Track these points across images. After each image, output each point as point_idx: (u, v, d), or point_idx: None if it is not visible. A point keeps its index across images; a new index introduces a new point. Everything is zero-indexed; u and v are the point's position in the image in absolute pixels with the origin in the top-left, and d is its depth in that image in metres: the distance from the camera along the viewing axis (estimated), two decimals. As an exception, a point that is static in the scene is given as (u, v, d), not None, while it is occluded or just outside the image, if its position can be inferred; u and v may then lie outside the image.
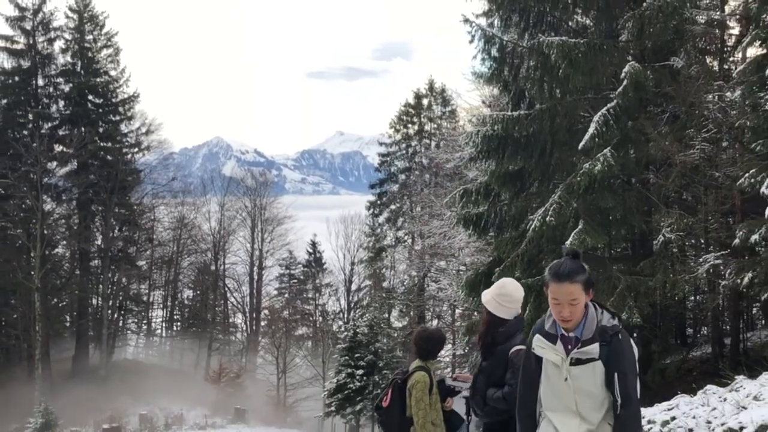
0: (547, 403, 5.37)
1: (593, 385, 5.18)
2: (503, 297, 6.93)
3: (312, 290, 75.73)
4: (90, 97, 63.23)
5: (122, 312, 71.44)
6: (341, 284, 73.75)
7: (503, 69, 21.86)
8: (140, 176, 67.88)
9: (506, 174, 21.64)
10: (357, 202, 78.22)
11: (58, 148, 61.69)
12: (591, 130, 18.09)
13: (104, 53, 64.07)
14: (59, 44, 62.00)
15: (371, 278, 69.42)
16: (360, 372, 41.90)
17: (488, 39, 21.56)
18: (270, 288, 79.68)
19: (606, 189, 18.72)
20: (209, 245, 76.21)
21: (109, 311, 64.86)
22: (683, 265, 18.98)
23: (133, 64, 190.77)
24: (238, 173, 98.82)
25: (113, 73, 64.57)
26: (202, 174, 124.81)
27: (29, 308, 55.97)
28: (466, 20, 21.47)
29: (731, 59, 22.39)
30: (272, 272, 79.38)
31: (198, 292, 78.97)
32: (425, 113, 66.26)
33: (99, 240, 65.15)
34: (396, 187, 67.21)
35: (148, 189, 69.43)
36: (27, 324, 56.74)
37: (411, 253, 61.10)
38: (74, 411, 45.16)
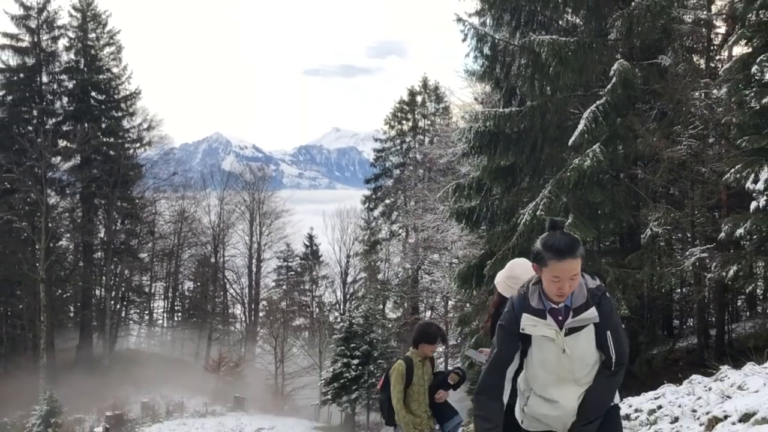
0: (541, 381, 5.07)
1: (588, 350, 4.96)
2: (512, 279, 6.73)
3: (309, 282, 75.72)
4: (93, 94, 63.10)
5: (125, 303, 71.44)
6: (337, 276, 73.91)
7: (495, 67, 21.78)
8: (142, 171, 67.75)
9: (498, 169, 21.58)
10: (353, 197, 78.21)
11: (62, 144, 61.67)
12: (580, 127, 18.05)
13: (107, 51, 63.93)
14: (63, 42, 62.00)
15: (366, 270, 69.42)
16: (355, 361, 41.89)
17: (480, 37, 21.50)
18: (268, 280, 79.68)
19: (595, 184, 18.67)
20: (209, 238, 76.15)
21: (112, 302, 64.85)
22: (670, 259, 18.94)
23: (135, 62, 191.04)
24: (237, 168, 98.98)
25: (115, 71, 64.45)
26: (202, 169, 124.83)
27: (34, 299, 56.09)
28: (459, 19, 21.42)
29: (717, 57, 22.37)
30: (270, 264, 79.42)
31: (198, 284, 78.87)
32: (419, 110, 66.25)
33: (102, 233, 64.94)
34: (390, 182, 67.18)
35: (150, 183, 69.36)
36: (32, 314, 56.89)
37: (405, 246, 61.06)
38: (78, 399, 45.09)
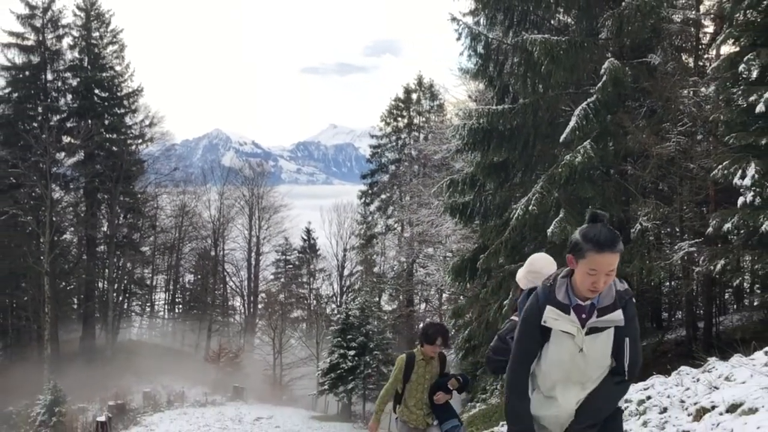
0: (551, 379, 4.83)
1: (603, 353, 4.74)
2: (533, 274, 6.52)
3: (306, 275, 75.66)
4: (96, 91, 63.06)
5: (127, 295, 71.44)
6: (334, 269, 74.04)
7: (488, 65, 21.73)
8: (144, 166, 67.76)
9: (491, 165, 21.56)
10: (349, 192, 78.29)
11: (66, 140, 61.64)
12: (572, 124, 18.01)
13: (110, 49, 63.91)
14: (67, 41, 61.93)
15: (363, 264, 69.46)
16: (352, 353, 41.95)
17: (474, 36, 21.45)
18: (267, 273, 79.87)
19: (586, 179, 18.64)
20: (209, 232, 76.24)
21: (115, 294, 64.76)
22: (659, 253, 18.89)
23: (137, 60, 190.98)
24: (237, 164, 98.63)
25: (118, 68, 64.45)
26: (203, 164, 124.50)
27: (39, 291, 56.09)
28: (454, 19, 21.36)
29: (706, 56, 22.32)
30: (269, 258, 79.58)
31: (198, 277, 78.92)
32: (414, 107, 66.30)
33: (105, 227, 64.95)
34: (386, 178, 67.27)
35: (152, 178, 69.33)
36: (37, 306, 56.87)
37: (400, 240, 61.18)
38: (81, 389, 45.07)
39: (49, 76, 61.09)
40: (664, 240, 22.11)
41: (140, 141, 66.76)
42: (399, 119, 66.73)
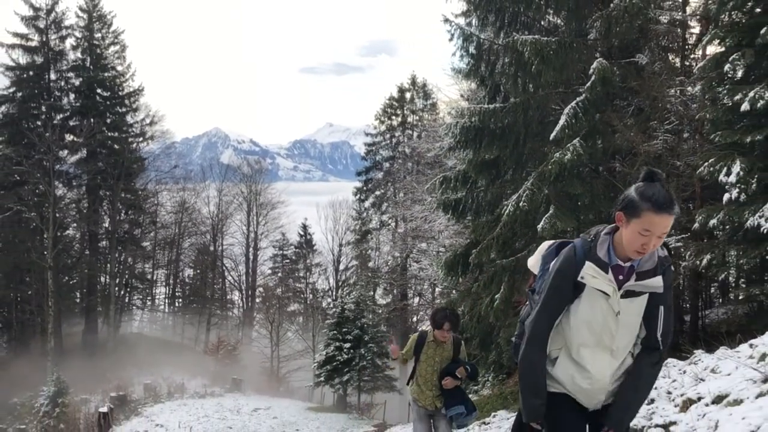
0: (580, 340, 4.54)
1: (636, 319, 4.48)
2: None
3: (303, 270, 75.69)
4: (98, 91, 63.12)
5: (128, 289, 71.49)
6: (330, 264, 74.00)
7: (480, 65, 21.63)
8: (145, 164, 67.77)
9: (483, 162, 21.47)
10: (345, 189, 78.17)
11: (69, 138, 61.77)
12: (561, 122, 17.94)
13: (111, 50, 63.92)
14: (70, 41, 62.07)
15: (358, 259, 69.52)
16: (347, 345, 41.89)
17: (466, 37, 21.35)
18: (264, 267, 79.95)
19: (575, 177, 18.58)
20: (208, 228, 76.42)
21: (116, 288, 64.78)
22: (646, 247, 18.82)
23: (138, 60, 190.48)
24: (235, 161, 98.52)
25: (120, 69, 64.49)
26: (202, 162, 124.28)
27: (42, 286, 56.27)
28: (446, 20, 21.27)
29: (692, 56, 22.24)
30: (266, 253, 79.59)
31: (198, 271, 79.04)
32: (408, 106, 66.35)
33: (107, 223, 64.93)
34: (381, 175, 67.28)
35: (152, 176, 69.37)
36: (40, 300, 57.00)
37: (394, 236, 61.09)
38: (84, 380, 45.03)
39: (53, 76, 61.24)
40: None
41: (141, 139, 66.89)
42: (393, 118, 66.77)
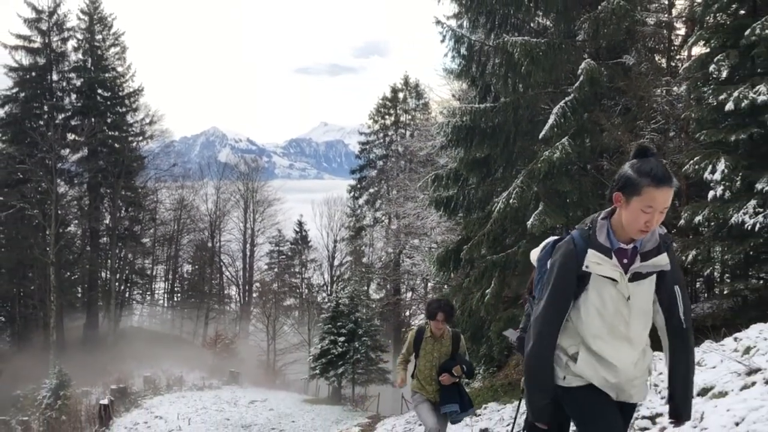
0: (592, 330, 4.23)
1: (647, 302, 4.24)
2: None
3: (299, 265, 75.67)
4: (99, 91, 63.04)
5: (128, 284, 71.37)
6: (325, 260, 74.03)
7: (471, 66, 21.57)
8: (144, 162, 67.68)
9: (474, 161, 21.42)
10: (339, 186, 78.12)
11: (71, 137, 61.62)
12: (550, 121, 17.90)
13: (112, 51, 63.91)
14: (72, 43, 61.98)
15: (352, 254, 69.51)
16: (342, 339, 41.88)
17: (458, 39, 21.30)
18: (261, 263, 79.90)
19: (564, 174, 18.53)
20: (206, 224, 76.33)
21: (117, 284, 64.71)
22: (633, 243, 18.79)
23: (138, 61, 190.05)
24: (233, 160, 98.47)
25: (120, 69, 64.46)
26: (200, 160, 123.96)
27: (45, 281, 56.26)
28: (438, 22, 21.21)
29: (678, 57, 22.25)
30: (263, 249, 79.58)
31: (196, 267, 79.04)
32: (401, 106, 66.26)
33: (107, 219, 64.92)
34: (374, 173, 67.23)
35: (152, 174, 69.29)
36: (43, 295, 56.94)
37: (388, 232, 61.07)
38: (85, 373, 44.95)
39: (55, 77, 61.21)
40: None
41: (141, 138, 66.86)
42: (386, 117, 66.72)
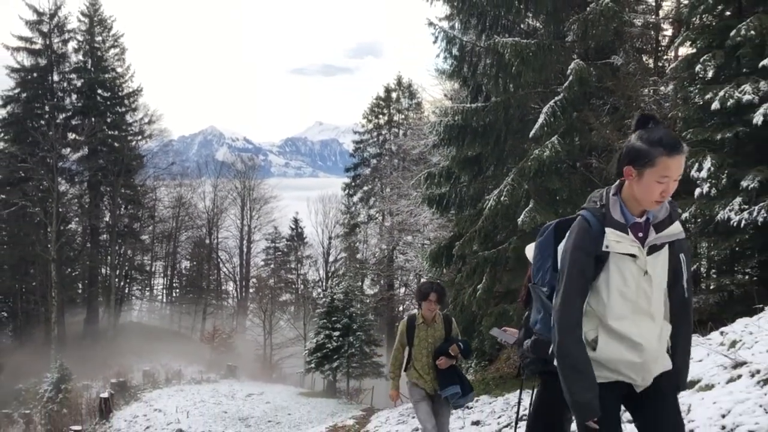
0: (615, 311, 3.93)
1: (664, 273, 4.00)
2: None
3: (294, 261, 75.65)
4: (99, 91, 63.02)
5: (128, 280, 71.38)
6: (320, 256, 73.99)
7: (463, 66, 21.55)
8: (143, 161, 67.64)
9: (465, 159, 21.39)
10: (334, 184, 78.01)
11: (71, 136, 61.61)
12: (540, 120, 17.88)
13: (112, 52, 63.90)
14: (72, 45, 61.99)
15: (346, 251, 69.49)
16: (336, 333, 41.85)
17: (450, 40, 21.29)
18: (257, 259, 79.89)
19: (553, 172, 18.51)
20: (204, 222, 76.38)
21: (116, 280, 64.61)
22: (622, 239, 18.75)
23: (137, 61, 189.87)
24: (230, 158, 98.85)
25: (119, 70, 64.48)
26: (198, 159, 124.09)
27: (46, 277, 56.27)
28: (431, 23, 21.19)
29: (665, 57, 22.19)
30: (259, 245, 79.63)
31: (194, 263, 79.15)
32: (394, 105, 66.21)
33: (107, 217, 64.87)
34: (368, 171, 67.24)
35: (150, 172, 69.24)
36: (44, 291, 56.93)
37: (381, 229, 61.06)
38: (86, 367, 44.95)
39: (56, 78, 61.23)
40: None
41: (140, 137, 66.86)
42: (380, 116, 66.65)
